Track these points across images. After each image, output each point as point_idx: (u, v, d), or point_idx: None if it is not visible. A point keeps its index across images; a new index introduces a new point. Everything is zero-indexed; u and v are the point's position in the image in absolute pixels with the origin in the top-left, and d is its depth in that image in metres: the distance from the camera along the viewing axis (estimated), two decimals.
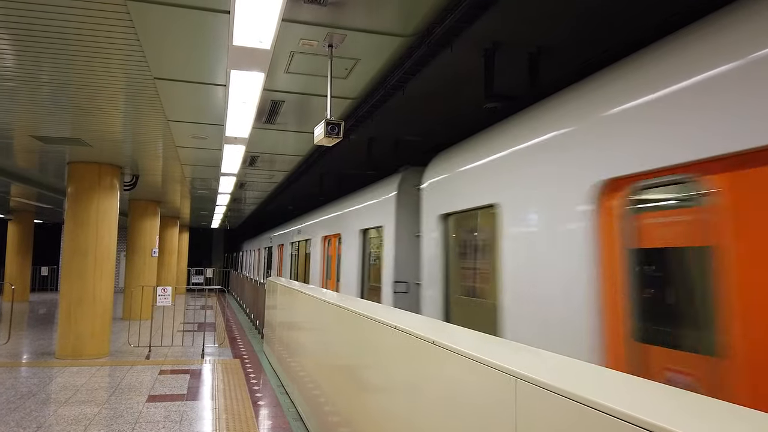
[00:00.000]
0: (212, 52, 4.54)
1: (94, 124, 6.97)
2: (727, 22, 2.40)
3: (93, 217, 9.49)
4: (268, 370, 8.64)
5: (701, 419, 1.31)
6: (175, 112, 6.27)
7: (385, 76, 5.13)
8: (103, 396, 6.86)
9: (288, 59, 4.69)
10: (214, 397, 6.90)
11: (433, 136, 7.70)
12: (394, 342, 3.05)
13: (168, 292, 10.17)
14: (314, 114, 6.42)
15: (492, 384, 1.98)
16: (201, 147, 8.20)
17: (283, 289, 8.02)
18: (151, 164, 9.90)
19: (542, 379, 1.70)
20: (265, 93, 5.61)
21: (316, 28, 4.05)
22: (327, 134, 4.34)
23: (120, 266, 23.84)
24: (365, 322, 3.61)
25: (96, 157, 9.27)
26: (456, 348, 2.29)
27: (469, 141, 4.95)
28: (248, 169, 10.43)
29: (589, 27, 4.21)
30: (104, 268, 9.55)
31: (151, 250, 15.42)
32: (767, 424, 1.26)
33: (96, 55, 4.63)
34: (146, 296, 14.43)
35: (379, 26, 4.01)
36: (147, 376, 8.04)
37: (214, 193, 13.86)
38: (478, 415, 2.07)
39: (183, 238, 27.12)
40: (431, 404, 2.50)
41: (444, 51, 4.38)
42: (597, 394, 1.49)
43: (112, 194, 9.80)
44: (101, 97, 5.76)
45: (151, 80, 5.20)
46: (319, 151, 8.54)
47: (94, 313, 9.38)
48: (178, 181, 11.91)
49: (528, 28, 4.25)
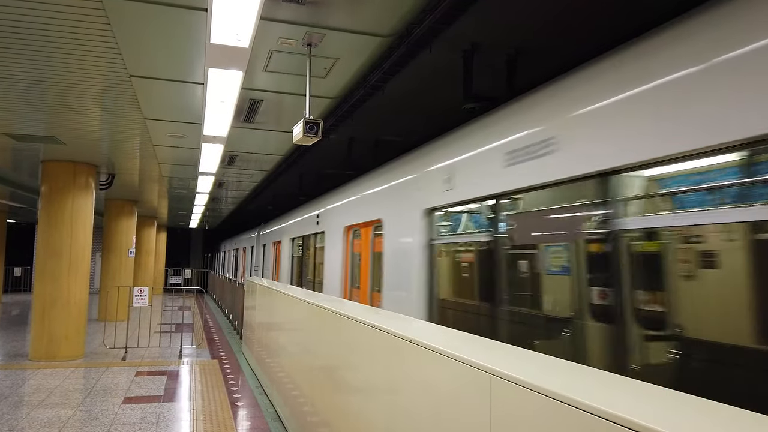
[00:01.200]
0: (190, 50, 4.50)
1: (70, 122, 6.85)
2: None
3: (67, 217, 9.32)
4: (246, 371, 8.58)
5: (675, 414, 1.34)
6: (152, 110, 6.19)
7: (364, 76, 5.14)
8: (77, 398, 6.74)
9: (266, 58, 4.67)
10: (192, 398, 6.83)
11: (413, 136, 7.72)
12: (373, 341, 3.06)
13: (145, 292, 10.05)
14: (293, 113, 6.40)
15: (468, 381, 2.00)
16: (178, 146, 8.11)
17: (262, 290, 7.97)
18: (127, 163, 9.75)
19: (517, 375, 1.72)
20: (243, 92, 5.57)
21: (295, 27, 4.04)
22: (306, 133, 4.33)
23: (96, 267, 23.45)
24: (344, 322, 3.61)
25: (71, 156, 9.10)
26: (433, 346, 2.30)
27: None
28: (227, 168, 10.34)
29: (566, 30, 4.27)
30: (79, 269, 9.39)
31: (128, 250, 15.20)
32: (736, 416, 1.30)
33: (71, 52, 4.55)
34: (122, 297, 14.21)
35: (358, 26, 4.02)
36: (123, 377, 7.93)
37: (192, 192, 13.71)
38: (455, 411, 2.09)
39: (160, 238, 26.77)
40: (409, 402, 2.52)
41: (423, 51, 4.41)
42: (571, 390, 1.51)
43: (87, 193, 9.63)
44: (77, 94, 5.67)
45: (127, 78, 5.13)
46: (300, 150, 8.50)
47: (68, 315, 9.21)
48: (156, 180, 11.76)
49: (505, 30, 4.29)
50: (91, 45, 4.39)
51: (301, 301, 5.09)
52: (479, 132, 4.32)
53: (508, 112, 4.00)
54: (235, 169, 10.50)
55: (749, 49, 2.17)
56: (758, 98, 2.09)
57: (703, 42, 2.40)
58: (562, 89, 3.41)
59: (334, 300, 4.73)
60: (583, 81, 3.21)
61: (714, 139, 2.24)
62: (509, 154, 3.74)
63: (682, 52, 2.49)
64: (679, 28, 2.59)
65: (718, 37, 2.32)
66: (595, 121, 2.99)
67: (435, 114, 6.61)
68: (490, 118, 4.26)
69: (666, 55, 2.58)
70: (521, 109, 3.81)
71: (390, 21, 3.95)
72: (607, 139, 2.84)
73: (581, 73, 3.27)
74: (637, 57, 2.79)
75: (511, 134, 3.78)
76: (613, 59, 3.00)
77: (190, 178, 11.30)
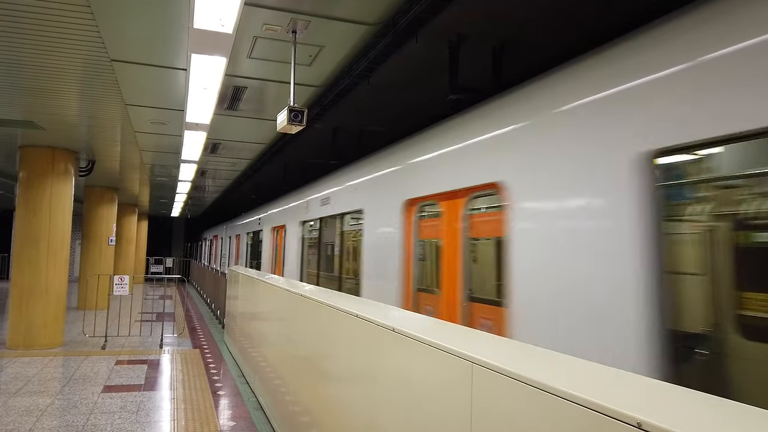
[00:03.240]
0: (172, 35, 4.43)
1: (48, 107, 6.72)
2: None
3: (46, 204, 9.16)
4: (228, 360, 8.55)
5: (655, 402, 1.36)
6: (133, 95, 6.09)
7: (350, 65, 5.11)
8: (56, 386, 6.66)
9: (251, 44, 4.61)
10: (173, 387, 6.79)
11: (398, 126, 7.71)
12: (355, 330, 3.05)
13: (125, 281, 9.94)
14: (278, 101, 6.35)
15: (449, 369, 2.01)
16: (160, 132, 8.00)
17: (244, 279, 7.93)
18: (108, 149, 9.60)
19: (498, 364, 1.73)
20: (227, 78, 5.51)
21: (280, 14, 4.00)
22: (290, 121, 4.30)
23: (75, 255, 23.12)
24: (326, 311, 3.61)
25: (49, 141, 8.93)
26: (415, 335, 2.31)
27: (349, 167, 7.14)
28: (210, 156, 10.24)
29: (551, 23, 4.28)
30: (58, 257, 9.25)
31: (108, 238, 15.00)
32: (717, 405, 1.32)
33: (49, 35, 4.45)
34: (102, 286, 14.04)
35: (343, 13, 3.99)
36: (103, 366, 7.85)
37: (174, 180, 13.56)
38: (436, 400, 2.10)
39: (142, 226, 26.46)
40: (391, 390, 2.52)
41: (409, 41, 4.39)
42: (551, 379, 1.53)
43: (66, 180, 9.47)
44: (55, 78, 5.55)
45: (108, 62, 5.04)
46: (284, 139, 8.44)
47: (46, 303, 9.08)
48: (137, 167, 11.60)
49: (491, 21, 4.29)
50: (70, 28, 4.29)
51: (282, 290, 5.07)
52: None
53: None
54: (219, 157, 10.40)
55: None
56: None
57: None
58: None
59: (315, 289, 4.70)
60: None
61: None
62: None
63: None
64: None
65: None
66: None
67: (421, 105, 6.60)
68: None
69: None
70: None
71: (376, 9, 3.93)
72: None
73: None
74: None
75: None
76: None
77: (172, 165, 11.17)
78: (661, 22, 2.63)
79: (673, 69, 2.41)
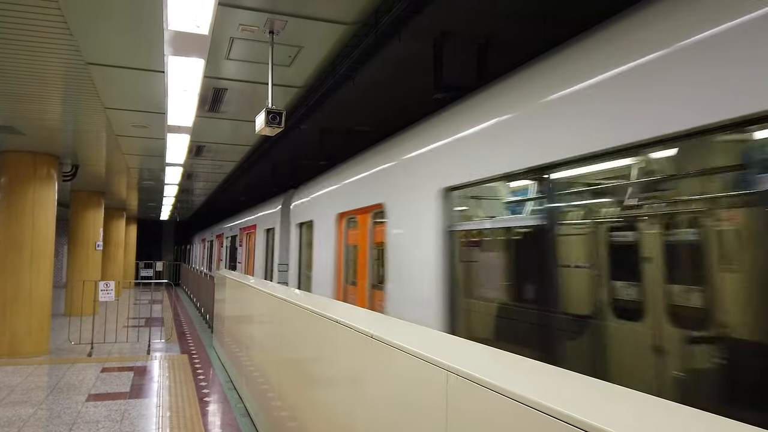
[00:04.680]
0: (148, 37, 4.34)
1: (27, 112, 6.59)
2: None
3: (29, 210, 9.02)
4: (217, 365, 8.46)
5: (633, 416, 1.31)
6: (112, 99, 5.99)
7: (332, 65, 5.04)
8: (39, 396, 6.55)
9: (228, 45, 4.54)
10: (159, 394, 6.69)
11: (386, 125, 7.64)
12: (337, 336, 3.01)
13: (111, 286, 9.81)
14: (260, 102, 6.25)
15: (425, 377, 1.96)
16: (143, 136, 7.89)
17: (232, 283, 7.84)
18: (91, 154, 9.47)
19: (473, 372, 1.69)
20: (206, 80, 5.42)
21: (256, 14, 3.92)
22: (268, 123, 4.22)
23: (62, 260, 22.87)
24: (310, 317, 3.55)
25: (31, 146, 8.80)
26: (392, 341, 2.26)
27: (306, 184, 8.48)
28: (195, 159, 10.12)
29: (535, 21, 4.24)
30: (41, 263, 9.11)
31: (95, 243, 14.83)
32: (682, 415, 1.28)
33: (22, 38, 4.35)
34: (89, 291, 13.85)
35: (320, 13, 3.92)
36: (88, 374, 7.73)
37: (161, 183, 13.41)
38: (413, 407, 2.06)
39: (130, 230, 26.23)
40: (371, 397, 2.48)
41: (392, 40, 4.33)
42: (526, 389, 1.48)
43: (49, 185, 9.33)
44: (32, 82, 5.44)
45: (83, 65, 4.93)
46: (270, 140, 8.35)
47: (30, 310, 8.94)
48: (123, 171, 11.46)
49: (475, 18, 4.24)
50: (42, 31, 4.20)
51: (268, 295, 5.00)
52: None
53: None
54: (204, 159, 10.29)
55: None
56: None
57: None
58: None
59: (300, 293, 4.66)
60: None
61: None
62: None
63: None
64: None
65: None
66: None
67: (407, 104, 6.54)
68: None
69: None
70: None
71: (353, 9, 3.86)
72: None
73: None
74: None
75: None
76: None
77: (158, 169, 11.04)
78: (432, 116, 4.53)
79: (444, 141, 4.06)
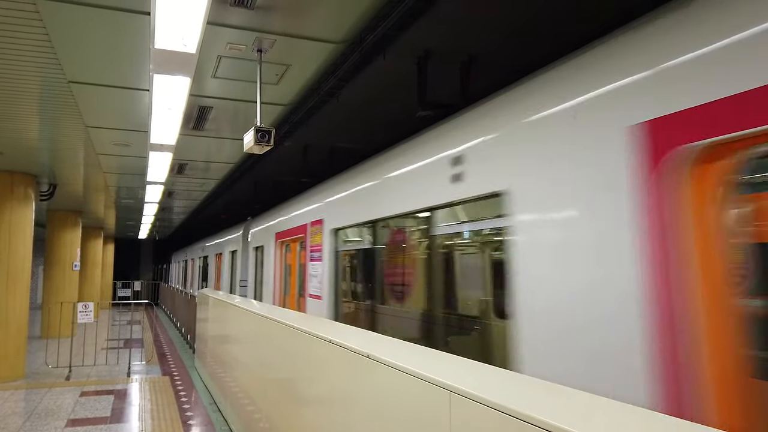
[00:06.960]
0: (133, 55, 4.30)
1: (5, 130, 6.47)
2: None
3: (5, 230, 8.82)
4: (199, 386, 8.29)
5: None
6: (94, 117, 5.91)
7: (318, 83, 5.05)
8: (16, 422, 6.33)
9: (215, 64, 4.52)
10: (141, 418, 6.52)
11: (369, 143, 7.66)
12: (328, 356, 2.96)
13: (90, 308, 9.59)
14: (245, 120, 6.24)
15: (426, 397, 1.93)
16: (124, 154, 7.79)
17: (214, 302, 7.72)
18: (70, 173, 9.31)
19: (477, 393, 1.66)
20: (192, 98, 5.38)
21: (244, 32, 3.92)
22: (257, 142, 4.20)
23: (38, 281, 22.33)
24: (299, 336, 3.50)
25: (7, 165, 8.62)
26: (391, 361, 2.23)
27: (263, 214, 10.14)
28: (177, 177, 10.01)
29: (518, 38, 4.31)
30: (18, 284, 8.88)
31: (72, 263, 14.52)
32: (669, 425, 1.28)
33: (3, 56, 4.28)
34: (66, 313, 13.55)
35: (309, 32, 3.93)
36: (67, 398, 7.52)
37: (140, 202, 13.22)
38: (414, 429, 2.02)
39: (108, 249, 25.76)
40: (366, 418, 2.44)
41: (377, 58, 4.36)
42: (535, 410, 1.46)
43: (26, 205, 9.14)
44: (11, 100, 5.34)
45: (65, 84, 4.87)
46: (253, 158, 8.31)
47: (6, 333, 8.69)
48: (101, 190, 11.28)
49: (459, 37, 4.29)
50: (24, 48, 4.14)
51: (252, 314, 4.93)
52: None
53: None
54: (186, 177, 10.18)
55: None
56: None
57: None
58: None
59: (287, 312, 4.60)
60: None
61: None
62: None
63: None
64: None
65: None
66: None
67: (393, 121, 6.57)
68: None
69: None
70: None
71: (341, 27, 3.88)
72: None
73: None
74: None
75: None
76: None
77: (138, 187, 10.89)
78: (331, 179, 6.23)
79: (332, 198, 5.84)
